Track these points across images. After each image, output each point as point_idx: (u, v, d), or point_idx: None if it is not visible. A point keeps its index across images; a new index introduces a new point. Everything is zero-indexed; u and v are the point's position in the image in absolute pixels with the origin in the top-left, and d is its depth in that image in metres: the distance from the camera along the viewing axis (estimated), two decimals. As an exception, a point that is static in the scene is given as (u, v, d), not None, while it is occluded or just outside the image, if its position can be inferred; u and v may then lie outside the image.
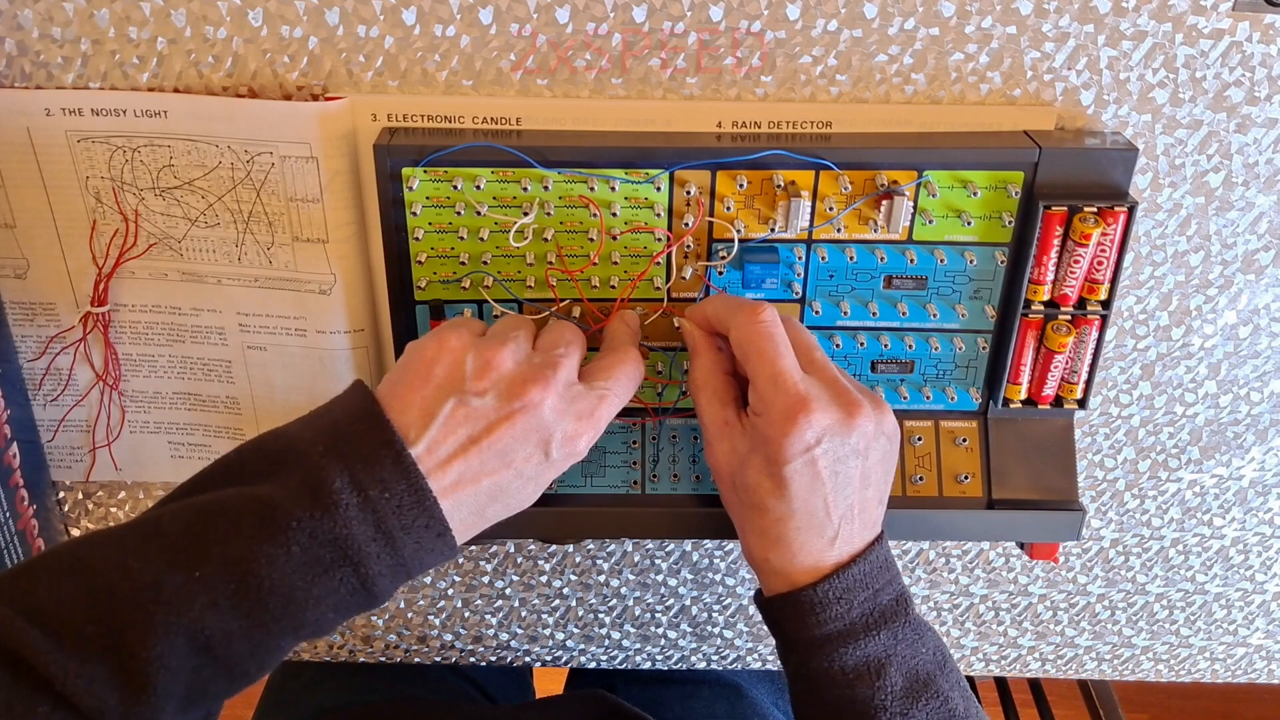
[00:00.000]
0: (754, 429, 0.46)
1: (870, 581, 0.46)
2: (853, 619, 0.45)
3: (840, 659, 0.45)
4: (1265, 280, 0.56)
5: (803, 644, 0.46)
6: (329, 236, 0.52)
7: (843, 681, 0.45)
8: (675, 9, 0.49)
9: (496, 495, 0.43)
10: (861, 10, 0.49)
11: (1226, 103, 0.51)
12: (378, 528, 0.39)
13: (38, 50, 0.50)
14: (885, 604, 0.46)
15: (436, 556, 0.42)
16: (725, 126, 0.51)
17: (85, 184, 0.52)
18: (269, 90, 0.51)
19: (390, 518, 0.39)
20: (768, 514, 0.46)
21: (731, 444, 0.47)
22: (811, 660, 0.46)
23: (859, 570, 0.46)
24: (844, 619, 0.45)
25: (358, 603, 0.40)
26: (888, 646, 0.45)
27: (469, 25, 0.49)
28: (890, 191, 0.50)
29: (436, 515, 0.41)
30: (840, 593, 0.45)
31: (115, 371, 0.57)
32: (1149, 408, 0.61)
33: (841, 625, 0.45)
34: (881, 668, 0.45)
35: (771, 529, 0.46)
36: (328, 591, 0.39)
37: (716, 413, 0.48)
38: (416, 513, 0.40)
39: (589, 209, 0.50)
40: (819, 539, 0.46)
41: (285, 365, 0.56)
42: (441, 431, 0.41)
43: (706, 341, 0.50)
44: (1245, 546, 0.66)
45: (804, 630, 0.46)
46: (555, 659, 0.71)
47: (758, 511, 0.46)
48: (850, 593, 0.46)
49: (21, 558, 0.58)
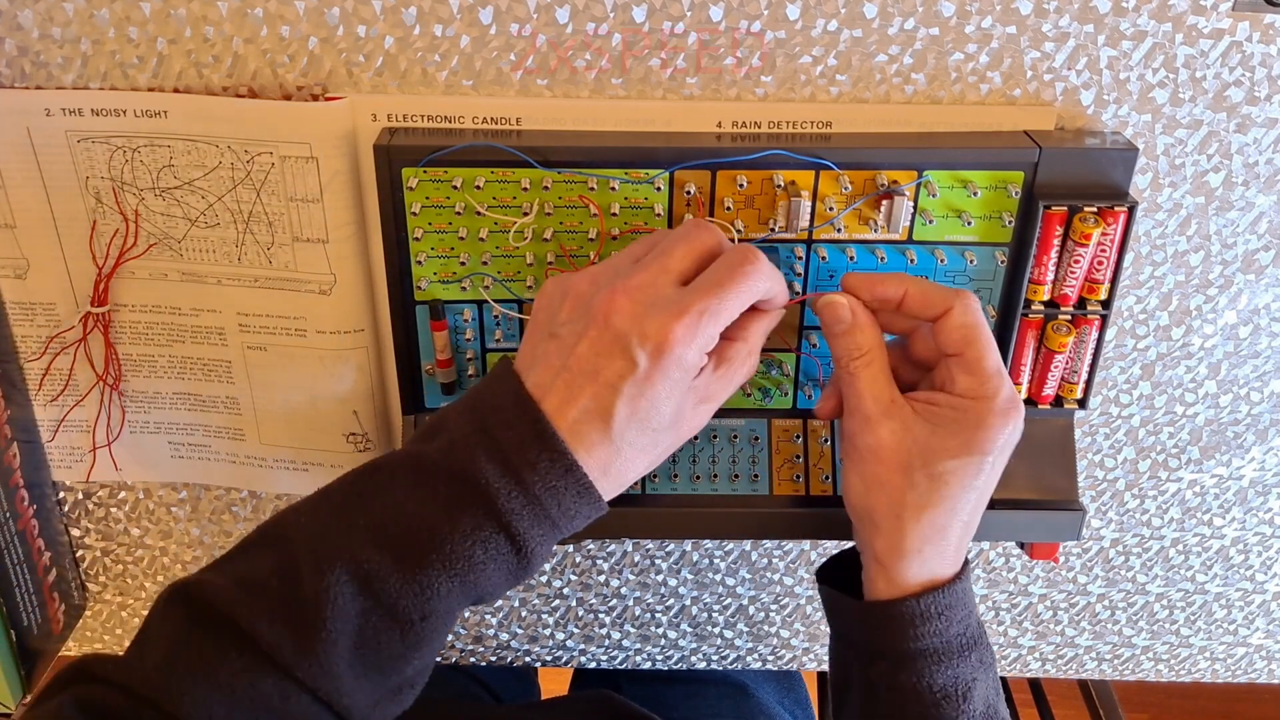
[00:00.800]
0: (956, 414, 0.45)
1: (967, 601, 0.46)
2: (949, 637, 0.45)
3: (931, 676, 0.45)
4: (1265, 280, 0.56)
5: (895, 655, 0.45)
6: (329, 236, 0.52)
7: (930, 700, 0.45)
8: (675, 9, 0.49)
9: (607, 415, 0.41)
10: (861, 10, 0.49)
11: (1226, 103, 0.51)
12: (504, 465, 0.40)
13: (38, 50, 0.50)
14: (974, 625, 0.46)
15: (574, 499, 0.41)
16: (725, 126, 0.51)
17: (85, 184, 0.52)
18: (269, 90, 0.51)
19: (513, 455, 0.40)
20: (946, 502, 0.45)
21: (903, 424, 0.45)
22: (901, 673, 0.45)
23: (961, 588, 0.46)
24: (942, 635, 0.45)
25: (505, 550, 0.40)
26: (975, 670, 0.45)
27: (469, 25, 0.49)
28: (890, 191, 0.50)
29: (559, 449, 0.40)
30: (943, 608, 0.45)
31: (115, 371, 0.57)
32: (1149, 408, 0.61)
33: (939, 642, 0.45)
34: (968, 691, 0.45)
35: (941, 519, 0.45)
36: (471, 527, 0.40)
37: (884, 391, 0.46)
38: (539, 447, 0.40)
39: (589, 209, 0.50)
40: (967, 536, 0.46)
41: (285, 365, 0.56)
42: (540, 366, 0.42)
43: (868, 314, 0.47)
44: (1245, 546, 0.66)
45: (901, 641, 0.45)
46: (555, 659, 0.71)
47: (936, 498, 0.45)
48: (952, 610, 0.45)
49: (21, 558, 0.58)
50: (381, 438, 0.59)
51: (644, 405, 0.42)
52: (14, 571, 0.57)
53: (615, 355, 0.41)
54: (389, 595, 0.39)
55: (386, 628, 0.39)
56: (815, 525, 0.55)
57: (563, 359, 0.42)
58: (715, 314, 0.42)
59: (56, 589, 0.62)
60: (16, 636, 0.58)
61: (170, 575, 0.66)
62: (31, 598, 0.59)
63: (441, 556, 0.39)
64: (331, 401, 0.57)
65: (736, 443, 0.55)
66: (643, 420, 0.42)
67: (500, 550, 0.40)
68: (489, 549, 0.40)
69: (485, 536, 0.40)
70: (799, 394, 0.55)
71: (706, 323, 0.41)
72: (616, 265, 0.44)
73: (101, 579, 0.67)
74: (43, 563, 0.60)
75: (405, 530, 0.40)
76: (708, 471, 0.55)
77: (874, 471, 0.46)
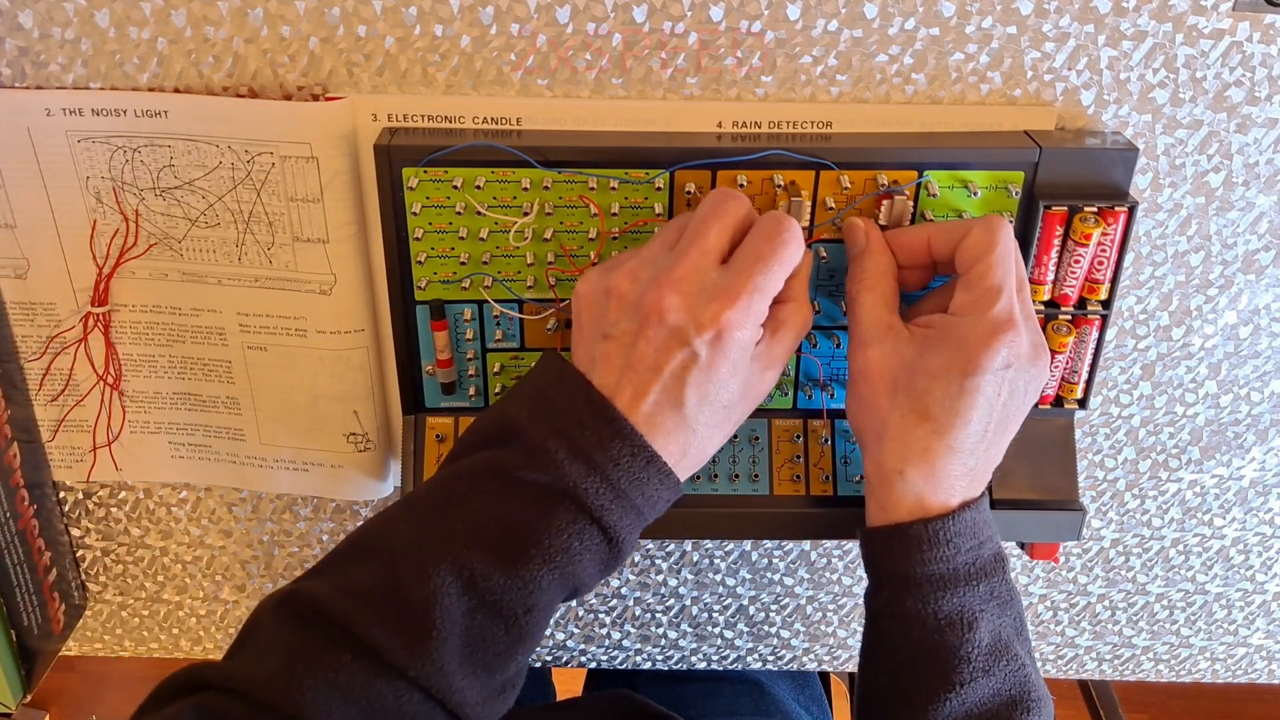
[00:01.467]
0: (943, 332, 0.45)
1: (978, 531, 0.45)
2: (956, 565, 0.45)
3: (935, 602, 0.45)
4: (1265, 280, 0.56)
5: (899, 580, 0.45)
6: (329, 236, 0.52)
7: (933, 626, 0.45)
8: (675, 9, 0.49)
9: (679, 404, 0.43)
10: (861, 10, 0.49)
11: (1227, 103, 0.51)
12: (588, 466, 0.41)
13: (38, 50, 0.50)
14: (987, 558, 0.46)
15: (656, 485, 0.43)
16: (725, 126, 0.51)
17: (85, 184, 0.52)
18: (269, 90, 0.51)
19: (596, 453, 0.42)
20: (928, 422, 0.45)
21: (895, 347, 0.46)
22: (905, 598, 0.45)
23: (971, 517, 0.45)
24: (949, 563, 0.45)
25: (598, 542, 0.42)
26: (983, 601, 0.45)
27: (469, 25, 0.49)
28: (890, 191, 0.50)
29: (637, 441, 0.42)
30: (951, 535, 0.45)
31: (115, 371, 0.57)
32: (1149, 408, 0.61)
33: (945, 569, 0.45)
34: (974, 621, 0.45)
35: (923, 439, 0.45)
36: (565, 523, 0.41)
37: (881, 315, 0.47)
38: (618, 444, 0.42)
39: (589, 209, 0.50)
40: (961, 466, 0.45)
41: (285, 365, 0.56)
42: (602, 367, 0.43)
43: (883, 244, 0.48)
44: (1246, 546, 0.66)
45: (905, 565, 0.45)
46: (555, 659, 0.71)
47: (915, 418, 0.45)
48: (960, 538, 0.45)
49: (21, 558, 0.58)
50: (382, 438, 0.59)
51: (712, 389, 0.43)
52: (14, 571, 0.57)
53: (675, 349, 0.42)
54: (493, 592, 0.40)
55: (492, 624, 0.40)
56: (815, 525, 0.55)
57: (624, 358, 0.43)
58: (764, 290, 0.43)
59: (56, 589, 0.62)
60: (16, 636, 0.58)
61: (170, 575, 0.66)
62: (31, 598, 0.59)
63: (540, 551, 0.41)
64: (331, 401, 0.57)
65: (736, 443, 0.55)
66: (713, 401, 0.43)
67: (594, 541, 0.42)
68: (584, 541, 0.42)
69: (579, 529, 0.41)
70: (799, 394, 0.55)
71: (757, 301, 0.43)
72: (653, 256, 0.45)
73: (101, 579, 0.67)
74: (43, 563, 0.61)
75: (502, 531, 0.41)
76: (708, 471, 0.55)
77: (864, 393, 0.47)
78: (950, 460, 0.45)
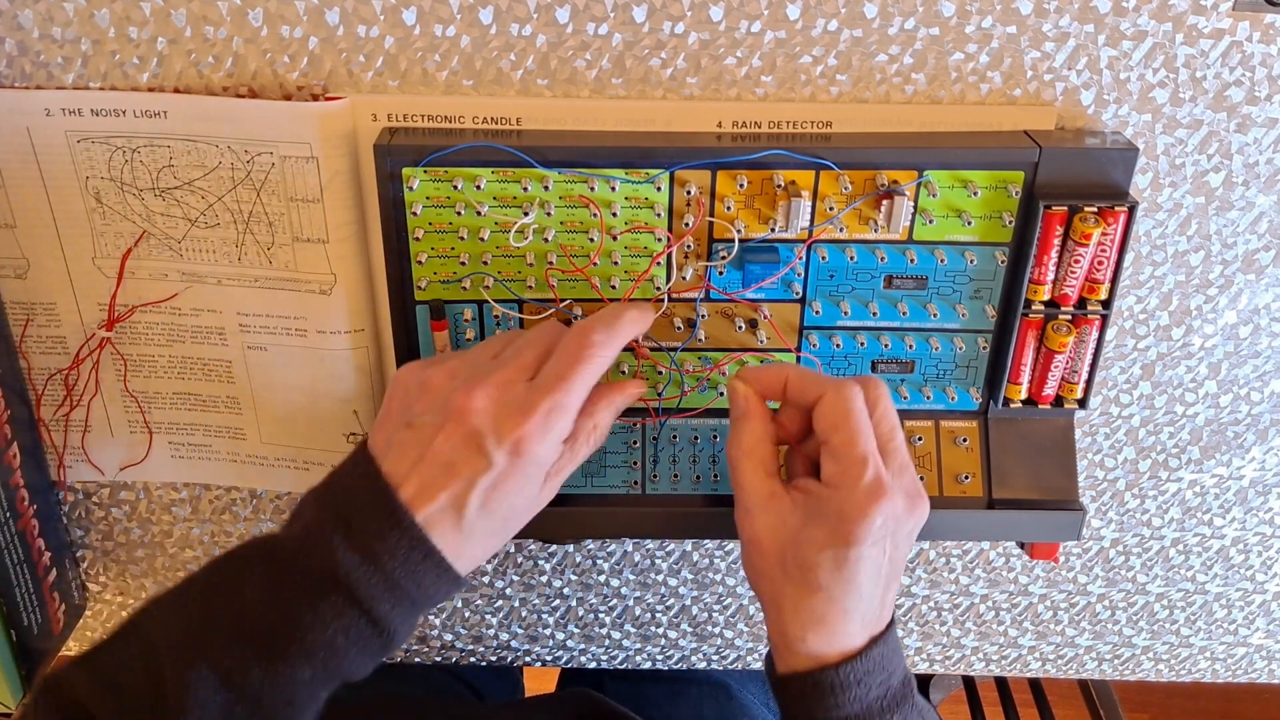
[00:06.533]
0: (820, 503, 0.45)
1: (886, 664, 0.46)
2: (869, 702, 0.45)
3: None
4: (1265, 280, 0.56)
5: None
6: (329, 236, 0.52)
7: None
8: (675, 9, 0.49)
9: (460, 507, 0.43)
10: (861, 10, 0.49)
11: (1226, 102, 0.51)
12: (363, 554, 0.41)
13: (38, 50, 0.50)
14: (896, 687, 0.46)
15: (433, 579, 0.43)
16: (725, 126, 0.51)
17: (85, 184, 0.52)
18: (269, 90, 0.51)
19: (373, 542, 0.42)
20: (818, 594, 0.45)
21: (779, 517, 0.46)
22: None
23: (878, 653, 0.46)
24: (861, 702, 0.45)
25: (368, 632, 0.42)
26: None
27: (469, 25, 0.49)
28: (890, 191, 0.50)
29: (415, 534, 0.42)
30: (861, 676, 0.45)
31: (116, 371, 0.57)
32: (1149, 408, 0.61)
33: (859, 709, 0.45)
34: None
35: (818, 609, 0.45)
36: (332, 616, 0.41)
37: (762, 483, 0.47)
38: (396, 534, 0.42)
39: (589, 209, 0.50)
40: (859, 624, 0.45)
41: (285, 365, 0.56)
42: (395, 454, 0.44)
43: (760, 406, 0.48)
44: (1245, 546, 0.66)
45: (821, 711, 0.45)
46: (555, 659, 0.71)
47: (807, 590, 0.45)
48: (870, 676, 0.45)
49: (21, 558, 0.58)
50: (381, 438, 0.59)
51: (496, 498, 0.44)
52: (14, 571, 0.57)
53: (472, 452, 0.43)
54: (252, 688, 0.40)
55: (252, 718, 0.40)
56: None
57: (419, 449, 0.43)
58: (563, 407, 0.44)
59: (56, 589, 0.62)
60: (16, 636, 0.58)
61: (170, 575, 0.66)
62: (31, 598, 0.59)
63: (302, 648, 0.41)
64: (331, 401, 0.57)
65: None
66: (493, 511, 0.44)
67: (363, 634, 0.42)
68: (350, 635, 0.41)
69: (347, 624, 0.41)
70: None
71: (556, 418, 0.44)
72: (474, 360, 0.46)
73: (101, 579, 0.67)
74: (43, 563, 0.60)
75: (265, 623, 0.41)
76: (707, 472, 0.55)
77: (757, 563, 0.47)
78: (848, 620, 0.45)
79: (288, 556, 0.42)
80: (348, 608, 0.41)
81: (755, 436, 0.47)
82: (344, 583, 0.41)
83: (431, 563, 0.42)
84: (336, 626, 0.41)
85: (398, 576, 0.42)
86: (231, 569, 0.43)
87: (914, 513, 0.45)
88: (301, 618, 0.41)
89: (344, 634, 0.41)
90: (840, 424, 0.45)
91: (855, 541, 0.44)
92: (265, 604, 0.41)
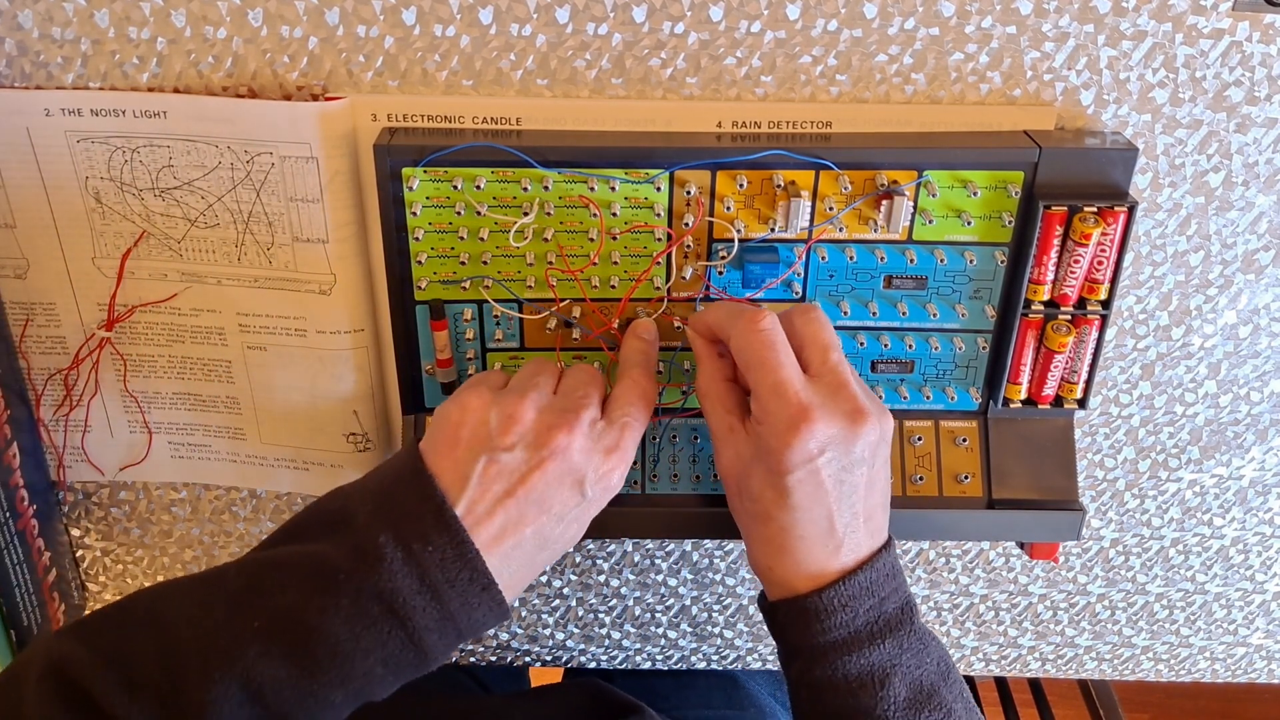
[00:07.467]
0: (757, 437, 0.46)
1: (876, 589, 0.46)
2: (857, 627, 0.45)
3: (843, 667, 0.45)
4: (1265, 280, 0.56)
5: (805, 651, 0.46)
6: (329, 236, 0.52)
7: (845, 690, 0.45)
8: (675, 9, 0.49)
9: (542, 543, 0.44)
10: (861, 10, 0.49)
11: (1226, 102, 0.51)
12: (422, 581, 0.40)
13: (38, 50, 0.50)
14: (890, 612, 0.46)
15: (485, 613, 0.42)
16: (725, 126, 0.51)
17: (85, 184, 0.52)
18: (269, 90, 0.51)
19: (434, 571, 0.40)
20: (771, 523, 0.46)
21: (736, 450, 0.47)
22: (814, 668, 0.45)
23: (864, 578, 0.46)
24: (848, 626, 0.45)
25: (408, 659, 0.41)
26: (892, 656, 0.45)
27: (469, 25, 0.49)
28: (890, 191, 0.50)
29: (480, 568, 0.41)
30: (845, 600, 0.45)
31: (116, 371, 0.57)
32: (1149, 408, 0.61)
33: (846, 633, 0.45)
34: (885, 677, 0.45)
35: (775, 538, 0.46)
36: (376, 645, 0.40)
37: (721, 419, 0.48)
38: (459, 566, 0.41)
39: (589, 209, 0.50)
40: (823, 548, 0.45)
41: (285, 365, 0.56)
42: (478, 490, 0.43)
43: (708, 348, 0.50)
44: (1245, 546, 0.66)
45: (807, 637, 0.45)
46: (555, 659, 0.71)
47: (761, 520, 0.46)
48: (855, 600, 0.45)
49: (21, 558, 0.58)
50: (381, 438, 0.59)
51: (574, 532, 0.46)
52: (14, 571, 0.57)
53: (571, 490, 0.44)
54: (281, 706, 0.38)
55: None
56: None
57: (506, 485, 0.43)
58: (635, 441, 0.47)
59: (56, 589, 0.62)
60: (16, 636, 0.58)
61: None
62: (31, 598, 0.59)
63: (340, 672, 0.39)
64: (331, 401, 0.57)
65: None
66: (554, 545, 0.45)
67: (404, 662, 0.41)
68: (390, 664, 0.40)
69: (391, 653, 0.40)
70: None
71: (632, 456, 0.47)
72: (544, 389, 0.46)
73: (101, 579, 0.67)
74: (43, 563, 0.60)
75: (304, 639, 0.39)
76: (707, 472, 0.55)
77: (729, 497, 0.49)
78: (809, 547, 0.45)
79: (333, 573, 0.40)
80: (394, 635, 0.40)
81: (708, 377, 0.49)
82: (399, 612, 0.40)
83: (488, 595, 0.42)
84: (379, 655, 0.40)
85: (453, 608, 0.41)
86: (266, 574, 0.40)
87: (858, 429, 0.44)
88: (344, 641, 0.39)
89: (384, 664, 0.40)
90: (751, 361, 0.46)
91: (785, 470, 0.44)
92: (304, 619, 0.39)
